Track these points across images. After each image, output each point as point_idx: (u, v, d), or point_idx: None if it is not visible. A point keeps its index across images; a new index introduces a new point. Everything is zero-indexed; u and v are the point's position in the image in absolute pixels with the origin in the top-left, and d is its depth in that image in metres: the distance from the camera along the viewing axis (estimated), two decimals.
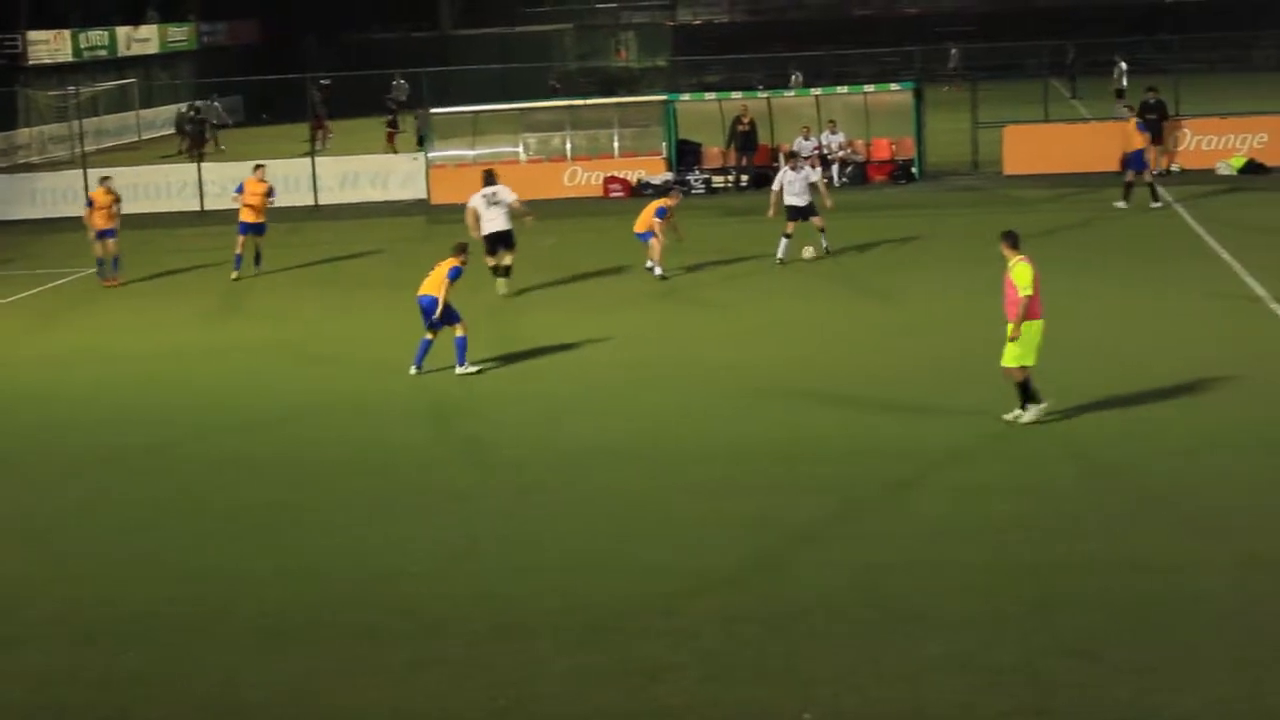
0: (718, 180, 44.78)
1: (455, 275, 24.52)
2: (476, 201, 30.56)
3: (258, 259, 34.42)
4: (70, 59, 68.41)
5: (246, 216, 34.15)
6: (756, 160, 44.93)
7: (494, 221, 30.36)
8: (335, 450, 21.11)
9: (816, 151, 44.41)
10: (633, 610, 15.01)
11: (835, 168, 44.43)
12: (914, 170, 44.76)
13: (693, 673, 13.57)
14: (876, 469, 18.96)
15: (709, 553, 16.44)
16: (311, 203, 45.59)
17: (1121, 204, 37.52)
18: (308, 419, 22.88)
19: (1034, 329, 19.90)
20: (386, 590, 15.92)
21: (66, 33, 68.50)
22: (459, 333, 24.45)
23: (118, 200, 35.04)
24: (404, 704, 13.34)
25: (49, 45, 67.17)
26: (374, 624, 15.02)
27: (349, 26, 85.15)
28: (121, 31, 73.73)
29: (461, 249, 25.00)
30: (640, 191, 43.57)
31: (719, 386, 23.16)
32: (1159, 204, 37.51)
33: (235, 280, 33.74)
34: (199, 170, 47.01)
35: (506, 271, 30.58)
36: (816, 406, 21.81)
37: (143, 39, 75.98)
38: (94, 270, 35.29)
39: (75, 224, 44.73)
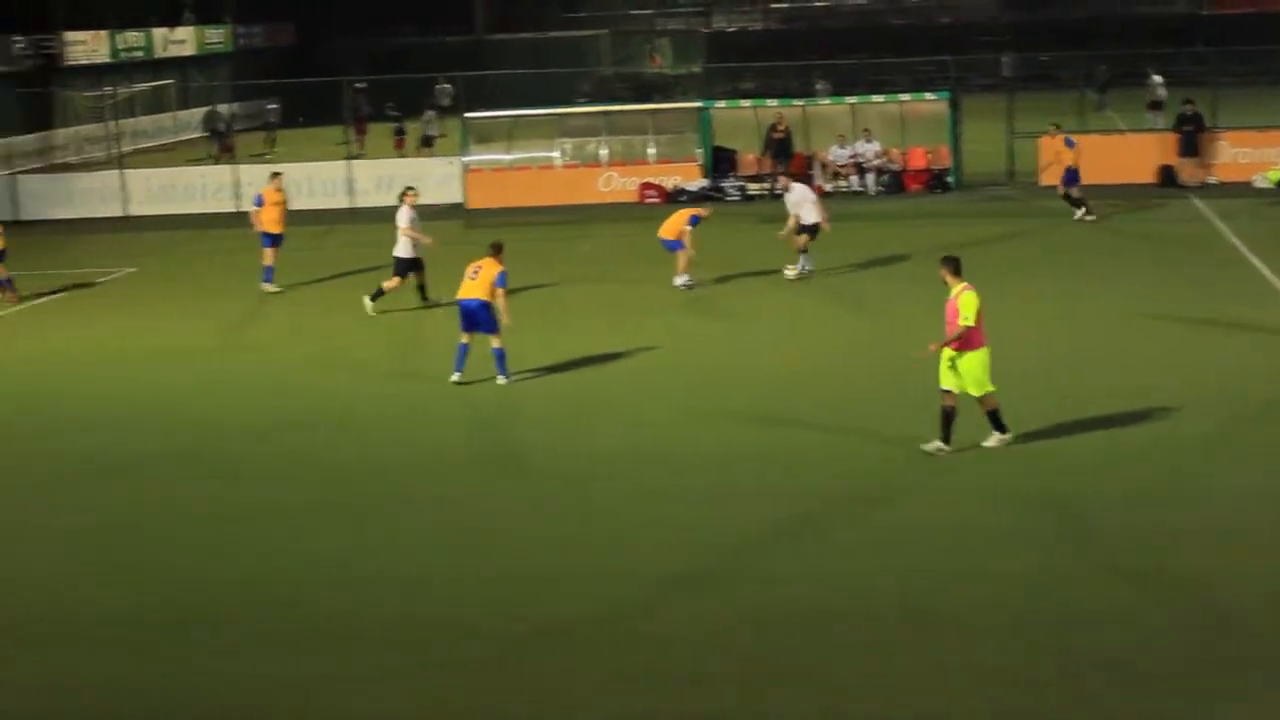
0: (753, 188, 44.75)
1: (504, 281, 24.06)
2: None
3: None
4: (107, 60, 68.57)
5: (269, 227, 33.30)
6: (791, 168, 44.87)
7: (398, 244, 30.44)
8: (364, 453, 21.18)
9: (852, 160, 44.52)
10: (667, 615, 15.05)
11: (870, 176, 44.46)
12: (949, 180, 44.70)
13: (728, 678, 13.60)
14: (890, 477, 18.97)
15: (737, 557, 16.50)
16: (348, 205, 45.67)
17: (1089, 216, 37.94)
18: (335, 423, 22.90)
19: (979, 358, 19.39)
20: (418, 592, 15.96)
21: (104, 34, 68.72)
22: (496, 344, 24.15)
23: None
24: (437, 707, 13.39)
25: (86, 46, 67.41)
26: (406, 626, 15.07)
27: (383, 30, 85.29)
28: (158, 33, 73.96)
29: (499, 249, 24.56)
30: (675, 198, 43.60)
31: (741, 394, 23.26)
32: (1090, 216, 37.93)
33: (275, 293, 33.06)
34: (234, 172, 47.13)
35: (377, 294, 30.37)
36: (829, 415, 21.78)
37: (179, 40, 76.20)
38: (109, 274, 35.21)
39: (111, 224, 45.16)
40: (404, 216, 30.31)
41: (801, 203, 32.08)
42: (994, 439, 19.79)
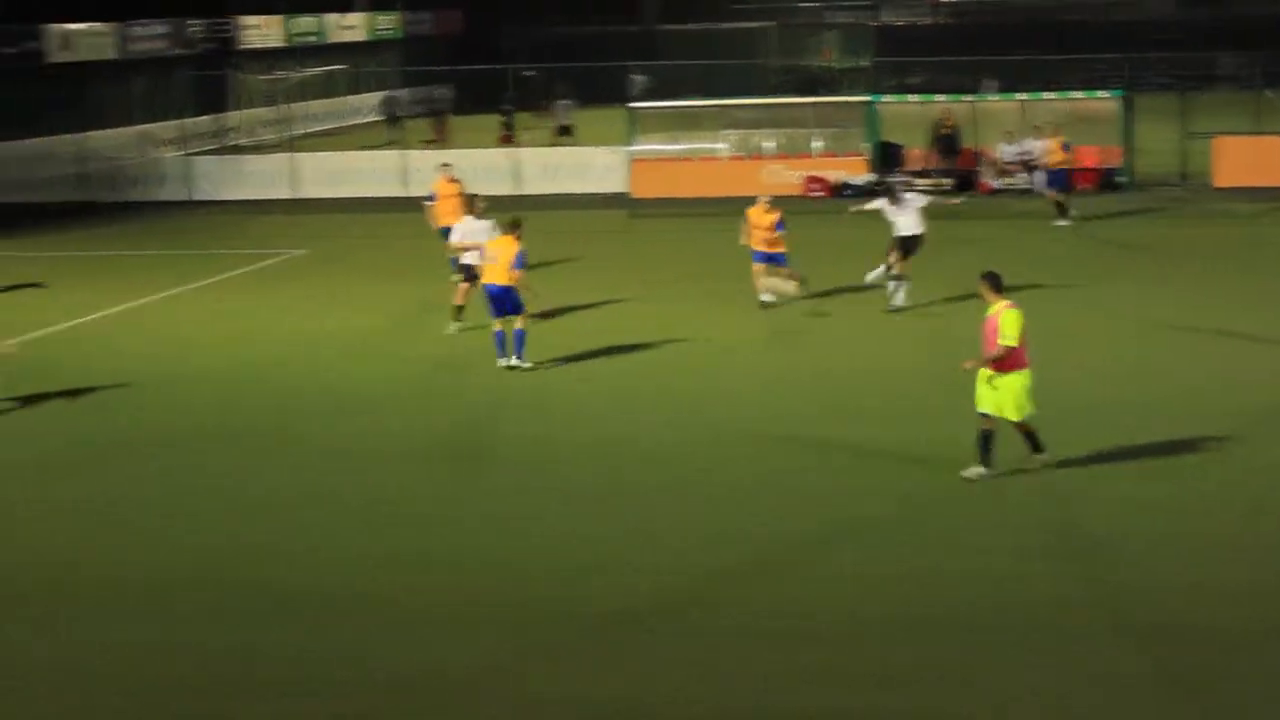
0: (919, 183, 44.31)
1: (521, 262, 23.82)
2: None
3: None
4: (280, 44, 69.64)
5: (445, 220, 31.73)
6: (959, 164, 44.53)
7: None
8: (520, 446, 21.03)
9: (1020, 157, 43.95)
10: (818, 611, 14.95)
11: (1039, 174, 43.86)
12: (1120, 179, 44.00)
13: (869, 678, 13.45)
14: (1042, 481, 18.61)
15: (897, 559, 16.33)
16: (513, 192, 45.87)
17: (1064, 221, 37.97)
18: (490, 410, 22.89)
19: (1020, 380, 18.33)
20: (584, 581, 15.97)
21: (278, 18, 69.77)
22: (519, 324, 24.15)
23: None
24: (597, 693, 13.37)
25: (260, 30, 68.45)
26: (575, 612, 15.09)
27: (552, 18, 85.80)
28: (331, 18, 74.98)
29: (516, 225, 24.08)
30: (841, 193, 43.37)
31: (869, 396, 23.04)
32: (1066, 221, 38.00)
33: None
34: (403, 158, 47.58)
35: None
36: (943, 414, 21.17)
37: (350, 26, 77.19)
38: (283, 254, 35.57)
39: (283, 206, 45.81)
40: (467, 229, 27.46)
41: (904, 210, 29.22)
42: (1037, 459, 18.78)
